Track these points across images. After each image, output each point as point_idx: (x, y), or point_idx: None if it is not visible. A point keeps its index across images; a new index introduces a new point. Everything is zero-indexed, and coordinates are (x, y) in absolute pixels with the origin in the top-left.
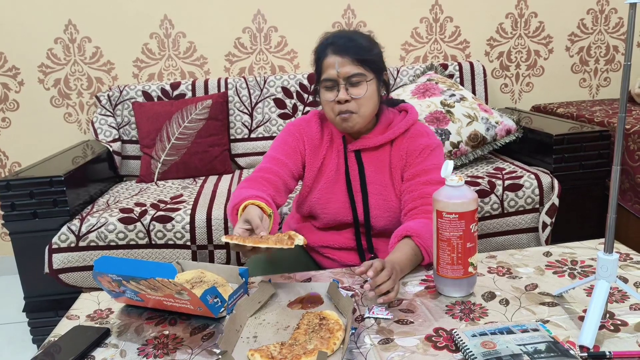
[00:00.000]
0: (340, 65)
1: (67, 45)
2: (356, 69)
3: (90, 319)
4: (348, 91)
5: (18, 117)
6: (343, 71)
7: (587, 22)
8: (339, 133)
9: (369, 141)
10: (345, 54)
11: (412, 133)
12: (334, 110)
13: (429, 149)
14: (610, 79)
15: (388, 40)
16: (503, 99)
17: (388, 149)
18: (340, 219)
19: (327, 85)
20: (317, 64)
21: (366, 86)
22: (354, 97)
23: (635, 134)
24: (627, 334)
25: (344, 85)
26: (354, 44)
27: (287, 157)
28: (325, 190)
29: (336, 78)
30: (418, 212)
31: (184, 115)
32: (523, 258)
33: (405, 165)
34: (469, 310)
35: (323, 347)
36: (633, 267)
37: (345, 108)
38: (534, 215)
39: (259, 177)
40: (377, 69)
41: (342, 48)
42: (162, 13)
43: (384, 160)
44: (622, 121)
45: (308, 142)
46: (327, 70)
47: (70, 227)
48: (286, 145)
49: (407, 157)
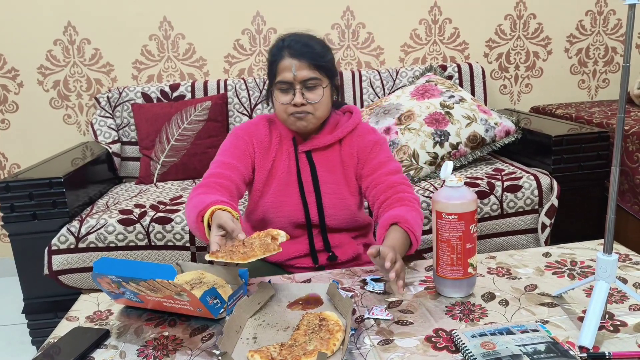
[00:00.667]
0: (297, 68)
1: (67, 47)
2: (312, 74)
3: (90, 320)
4: (304, 95)
5: (17, 118)
6: (300, 75)
7: (585, 23)
8: (288, 135)
9: (319, 141)
10: (302, 58)
11: (359, 131)
12: (287, 111)
13: (378, 145)
14: (609, 80)
15: (387, 41)
16: (502, 100)
17: (338, 148)
18: (294, 220)
19: (283, 87)
20: (272, 66)
21: (322, 91)
22: (309, 101)
23: (634, 135)
24: (627, 335)
25: (300, 89)
26: (311, 49)
27: (238, 161)
28: (277, 193)
29: (292, 81)
30: (393, 201)
31: (183, 117)
32: (522, 259)
33: (358, 162)
34: (469, 311)
35: (323, 348)
36: (632, 268)
37: (301, 110)
38: (534, 216)
39: (212, 182)
40: (331, 74)
41: (299, 52)
42: (161, 15)
43: (335, 159)
44: (621, 122)
45: (257, 144)
46: (282, 72)
47: (69, 228)
48: (236, 149)
49: (358, 154)
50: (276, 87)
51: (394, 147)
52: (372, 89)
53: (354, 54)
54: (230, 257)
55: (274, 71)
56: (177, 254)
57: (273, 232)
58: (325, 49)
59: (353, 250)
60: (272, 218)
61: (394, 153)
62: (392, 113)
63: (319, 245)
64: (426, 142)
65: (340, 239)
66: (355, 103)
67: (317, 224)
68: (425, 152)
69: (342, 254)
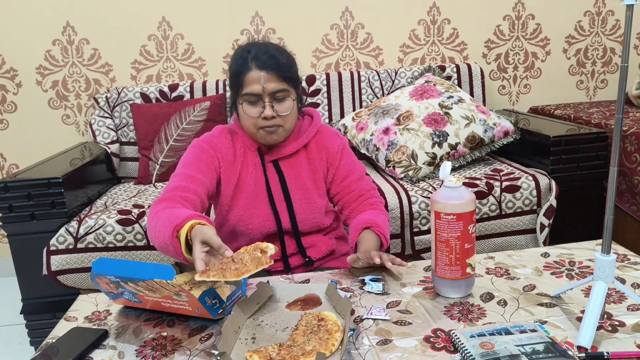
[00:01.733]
0: (267, 80)
1: (65, 47)
2: (281, 85)
3: (88, 320)
4: (273, 107)
5: (16, 118)
6: (269, 87)
7: (584, 24)
8: (252, 146)
9: (286, 149)
10: (270, 69)
11: (324, 134)
12: (256, 125)
13: (345, 148)
14: (607, 80)
15: (386, 42)
16: (501, 101)
17: (304, 153)
18: (265, 231)
19: (251, 100)
20: (237, 78)
21: (291, 103)
22: (279, 113)
23: (633, 136)
24: (625, 335)
25: (269, 102)
26: (277, 61)
27: (202, 174)
28: (247, 205)
29: (261, 93)
30: (363, 206)
31: (182, 117)
32: (521, 259)
33: (328, 167)
34: (467, 311)
35: (321, 348)
36: (631, 268)
37: (271, 123)
38: (532, 216)
39: (176, 196)
40: (297, 84)
41: (266, 64)
42: (160, 15)
43: (302, 165)
44: (619, 123)
45: (222, 158)
46: (250, 85)
47: (68, 228)
48: (200, 162)
49: (327, 158)
50: (243, 99)
51: (392, 147)
52: (371, 90)
53: (353, 54)
54: (223, 275)
55: (239, 83)
56: None
57: (262, 245)
58: (290, 60)
59: (327, 247)
60: (242, 230)
61: (393, 153)
62: (391, 113)
63: (291, 249)
64: (425, 142)
65: (312, 240)
66: (354, 103)
67: (290, 230)
68: (424, 152)
69: (316, 252)
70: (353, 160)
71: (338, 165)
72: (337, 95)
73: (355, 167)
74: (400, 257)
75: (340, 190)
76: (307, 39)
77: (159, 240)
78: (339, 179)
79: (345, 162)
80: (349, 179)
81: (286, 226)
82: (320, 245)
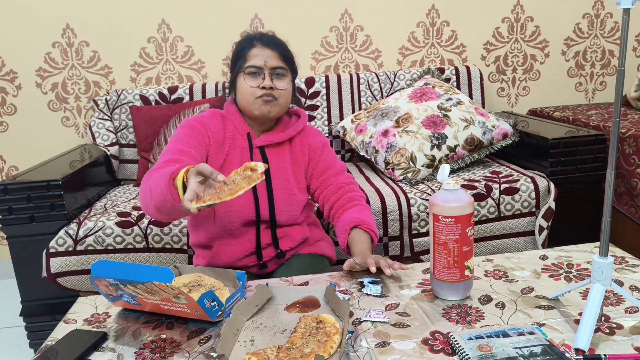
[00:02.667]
0: (269, 56)
1: (65, 50)
2: (282, 63)
3: (88, 323)
4: (273, 81)
5: (15, 121)
6: (270, 62)
7: (582, 26)
8: (243, 130)
9: (273, 137)
10: (273, 47)
11: (308, 132)
12: (254, 94)
13: (326, 146)
14: (606, 83)
15: (385, 44)
16: (499, 103)
17: (288, 147)
18: (244, 217)
19: (252, 71)
20: (240, 54)
21: (288, 81)
22: (278, 87)
23: (631, 138)
24: (623, 337)
25: (270, 75)
26: (279, 42)
27: (194, 149)
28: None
29: (262, 66)
30: (344, 201)
31: (181, 119)
32: (519, 261)
33: (309, 161)
34: (466, 313)
35: (320, 351)
36: (628, 270)
37: (269, 93)
38: (531, 218)
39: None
40: (294, 71)
41: (270, 42)
42: (159, 17)
43: (285, 157)
44: (617, 126)
45: (212, 137)
46: (253, 59)
47: (67, 231)
48: (191, 138)
49: (309, 152)
50: (245, 71)
51: (391, 149)
52: (370, 92)
53: (352, 57)
54: (218, 197)
55: (243, 58)
56: (175, 257)
57: (251, 164)
58: (289, 50)
59: (300, 235)
60: (222, 213)
61: (392, 155)
62: (390, 115)
63: (266, 240)
64: (424, 144)
65: (286, 230)
66: (353, 105)
67: (267, 220)
68: (423, 154)
69: (289, 242)
70: (333, 157)
71: (318, 160)
72: (336, 98)
73: (334, 163)
74: (399, 259)
75: (320, 185)
76: (306, 41)
77: (156, 195)
78: (318, 173)
79: (325, 158)
80: (327, 173)
81: (264, 214)
82: (294, 234)
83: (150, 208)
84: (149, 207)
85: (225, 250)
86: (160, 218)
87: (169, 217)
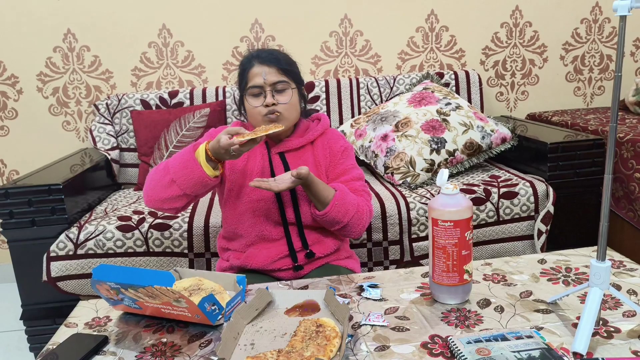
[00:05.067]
0: (267, 73)
1: (66, 54)
2: (281, 77)
3: (89, 326)
4: (274, 97)
5: (16, 125)
6: (269, 79)
7: (581, 31)
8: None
9: (291, 143)
10: (270, 63)
11: (330, 135)
12: (260, 113)
13: (347, 151)
14: (604, 87)
15: (384, 49)
16: (498, 108)
17: (310, 149)
18: (271, 220)
19: (254, 92)
20: (243, 76)
21: (291, 93)
22: (280, 102)
23: (629, 143)
24: (620, 341)
25: (270, 92)
26: (277, 56)
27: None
28: (253, 193)
29: (263, 85)
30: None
31: (182, 124)
32: (518, 265)
33: (329, 162)
34: (464, 317)
35: (320, 354)
36: (626, 275)
37: (273, 109)
38: (529, 222)
39: None
40: (298, 81)
41: (267, 59)
42: (160, 22)
43: (308, 159)
44: (614, 131)
45: None
46: (253, 78)
47: (68, 235)
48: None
49: (330, 156)
50: (248, 92)
51: (391, 154)
52: (370, 96)
53: (352, 62)
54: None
55: (245, 79)
56: (176, 261)
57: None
58: (290, 59)
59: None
60: (250, 218)
61: (391, 159)
62: (390, 120)
63: (297, 244)
64: (423, 149)
65: (317, 237)
66: (352, 110)
67: (294, 222)
68: (422, 159)
69: (320, 249)
70: (352, 163)
71: (336, 163)
72: (335, 102)
73: (351, 170)
74: (399, 263)
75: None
76: (306, 46)
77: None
78: (333, 176)
79: (344, 162)
80: (342, 177)
81: (290, 216)
82: (324, 242)
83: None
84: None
85: (260, 252)
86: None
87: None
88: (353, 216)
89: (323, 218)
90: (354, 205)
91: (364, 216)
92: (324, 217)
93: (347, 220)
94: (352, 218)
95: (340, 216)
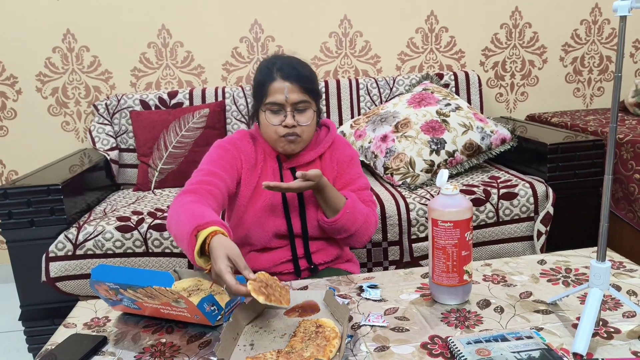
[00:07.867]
0: (290, 91)
1: (65, 55)
2: (303, 97)
3: (87, 327)
4: (295, 117)
5: (16, 125)
6: (291, 97)
7: (580, 32)
8: (272, 152)
9: (303, 158)
10: (294, 81)
11: (337, 145)
12: (277, 132)
13: (353, 160)
14: (603, 88)
15: (384, 50)
16: (498, 109)
17: (319, 163)
18: (278, 233)
19: (274, 109)
20: (262, 87)
21: (312, 114)
22: (300, 123)
23: (628, 144)
24: (620, 342)
25: (291, 111)
26: (301, 72)
27: (225, 172)
28: (264, 209)
29: (284, 103)
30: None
31: (181, 124)
32: (518, 266)
33: (337, 174)
34: (464, 317)
35: (319, 355)
36: (626, 275)
37: (292, 132)
38: (529, 223)
39: (201, 189)
40: (317, 98)
41: (290, 75)
42: (159, 22)
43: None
44: (613, 132)
45: (245, 160)
46: (274, 94)
47: (67, 235)
48: (223, 160)
49: (338, 167)
50: (266, 107)
51: (390, 154)
52: (369, 97)
53: (351, 62)
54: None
55: (264, 92)
56: (175, 261)
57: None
58: (312, 74)
59: (334, 252)
60: (257, 232)
61: (391, 160)
62: (389, 121)
63: (301, 252)
64: (423, 149)
65: (319, 245)
66: (352, 111)
67: (300, 234)
68: (422, 159)
69: (322, 256)
70: (358, 172)
71: (343, 172)
72: (335, 103)
73: (357, 179)
74: (398, 264)
75: None
76: (305, 47)
77: (178, 231)
78: (339, 186)
79: (349, 172)
80: (349, 187)
81: (297, 231)
82: (326, 250)
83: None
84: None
85: (262, 256)
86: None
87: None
88: (361, 226)
89: (332, 225)
90: (363, 215)
91: (370, 227)
92: (333, 225)
93: (355, 229)
94: (360, 228)
95: (349, 225)
